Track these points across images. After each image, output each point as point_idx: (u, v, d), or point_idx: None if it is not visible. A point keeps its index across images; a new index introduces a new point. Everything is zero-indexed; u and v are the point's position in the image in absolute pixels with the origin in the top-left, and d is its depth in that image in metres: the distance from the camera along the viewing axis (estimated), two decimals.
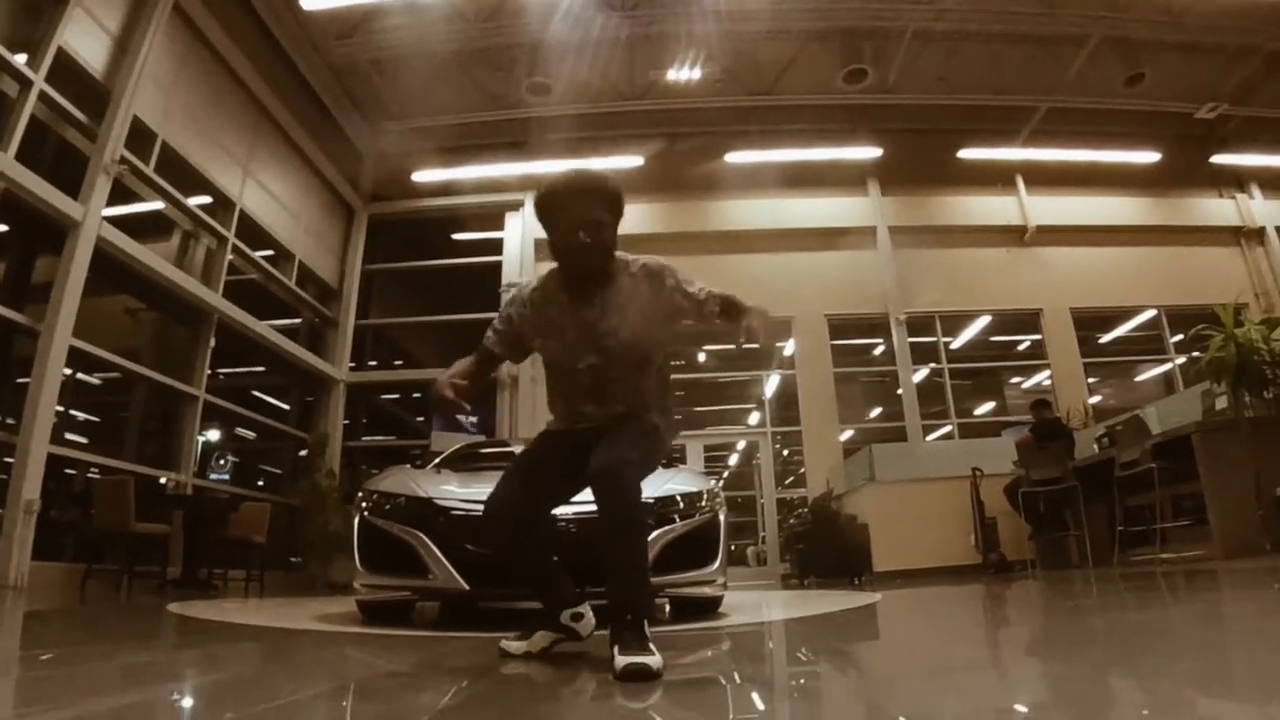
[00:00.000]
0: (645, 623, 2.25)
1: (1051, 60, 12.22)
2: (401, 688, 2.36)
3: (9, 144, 7.60)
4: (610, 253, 2.53)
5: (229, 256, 10.78)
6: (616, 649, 2.10)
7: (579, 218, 2.41)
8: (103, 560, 7.81)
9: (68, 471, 8.50)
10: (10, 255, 8.28)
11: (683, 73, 12.06)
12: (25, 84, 7.88)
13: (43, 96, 8.03)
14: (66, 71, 8.32)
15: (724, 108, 12.93)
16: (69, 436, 8.67)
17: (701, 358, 14.13)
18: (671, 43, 11.55)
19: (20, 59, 7.88)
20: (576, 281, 2.53)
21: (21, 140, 7.73)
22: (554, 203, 2.47)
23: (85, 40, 8.55)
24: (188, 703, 2.23)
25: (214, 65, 10.46)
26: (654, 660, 2.04)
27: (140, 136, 9.19)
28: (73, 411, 8.96)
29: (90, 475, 8.58)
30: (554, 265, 2.61)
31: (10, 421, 7.82)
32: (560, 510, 4.38)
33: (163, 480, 9.55)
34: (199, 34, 10.01)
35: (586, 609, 2.70)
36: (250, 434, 12.47)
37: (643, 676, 1.99)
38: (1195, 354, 8.52)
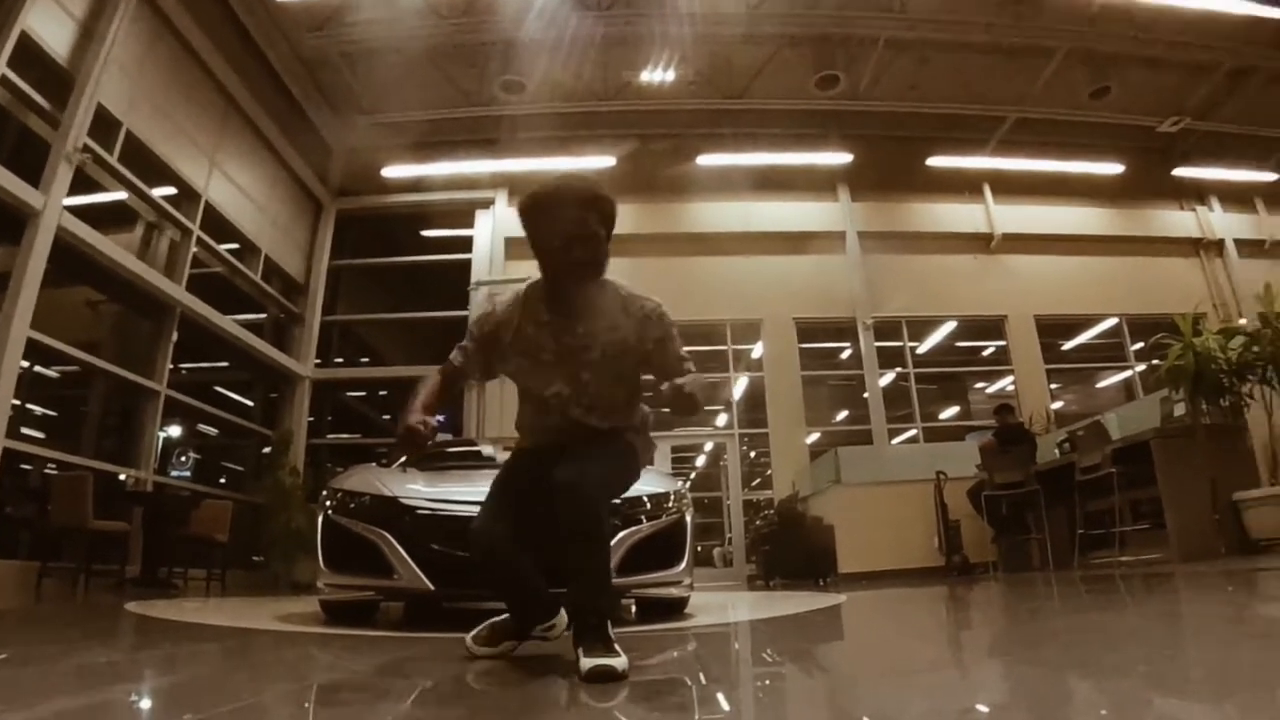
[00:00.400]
0: (609, 624, 2.21)
1: (1019, 71, 12.41)
2: (364, 690, 2.35)
3: None
4: (603, 270, 2.38)
5: (193, 249, 10.70)
6: (581, 651, 2.08)
7: (575, 231, 2.26)
8: (59, 558, 7.74)
9: (24, 466, 8.44)
10: None
11: (656, 74, 12.10)
12: None
13: (4, 81, 7.91)
14: (29, 56, 8.20)
15: (697, 110, 13.00)
16: (25, 431, 8.54)
17: None
18: (646, 44, 11.58)
19: None
20: (562, 300, 2.39)
21: None
22: (547, 212, 2.30)
23: (49, 25, 8.44)
24: (145, 704, 2.21)
25: (182, 54, 10.36)
26: (619, 661, 2.02)
27: (104, 125, 9.10)
28: (29, 405, 8.86)
29: (47, 471, 8.51)
30: (530, 279, 2.49)
31: None
32: None
33: (122, 477, 9.47)
34: (167, 21, 9.91)
35: (559, 617, 2.55)
36: (213, 430, 12.39)
37: (608, 678, 1.98)
38: (1155, 362, 8.68)
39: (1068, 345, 14.36)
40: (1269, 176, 14.28)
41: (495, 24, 10.95)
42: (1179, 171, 14.27)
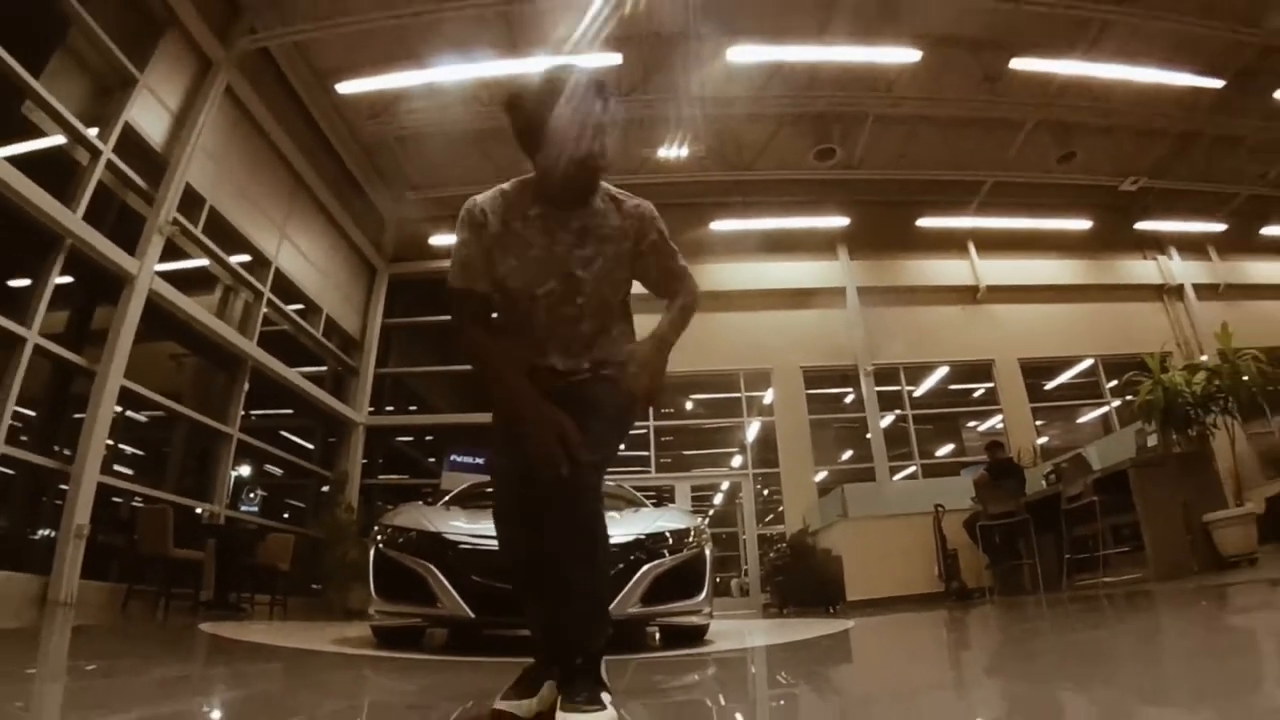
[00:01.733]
0: (600, 662, 1.86)
1: (995, 140, 12.52)
2: (413, 709, 2.33)
3: (78, 205, 7.67)
4: (600, 175, 1.93)
5: (264, 309, 10.78)
6: (561, 699, 1.71)
7: (585, 123, 1.81)
8: (143, 581, 7.70)
9: (115, 499, 8.43)
10: (73, 304, 8.25)
11: (672, 150, 12.23)
12: (95, 154, 7.97)
13: (109, 165, 8.11)
14: (130, 143, 8.42)
15: (709, 181, 13.11)
16: (117, 468, 8.63)
17: (689, 406, 14.13)
18: (662, 125, 11.74)
19: (92, 132, 7.98)
20: (553, 195, 1.89)
21: (89, 202, 7.80)
22: (551, 102, 1.82)
23: (148, 116, 8.69)
24: (216, 715, 2.20)
25: (258, 139, 10.57)
26: (603, 717, 1.64)
27: (191, 201, 9.26)
28: (121, 445, 8.93)
29: (134, 504, 8.53)
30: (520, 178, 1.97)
31: (66, 453, 7.78)
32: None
33: (199, 510, 9.45)
34: (246, 111, 10.14)
35: None
36: (278, 470, 12.36)
37: None
38: (1128, 398, 8.68)
39: (1050, 385, 14.27)
40: (1219, 227, 14.41)
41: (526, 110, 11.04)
42: (1140, 225, 14.36)
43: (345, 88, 10.57)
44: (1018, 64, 10.83)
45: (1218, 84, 11.21)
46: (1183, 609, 4.47)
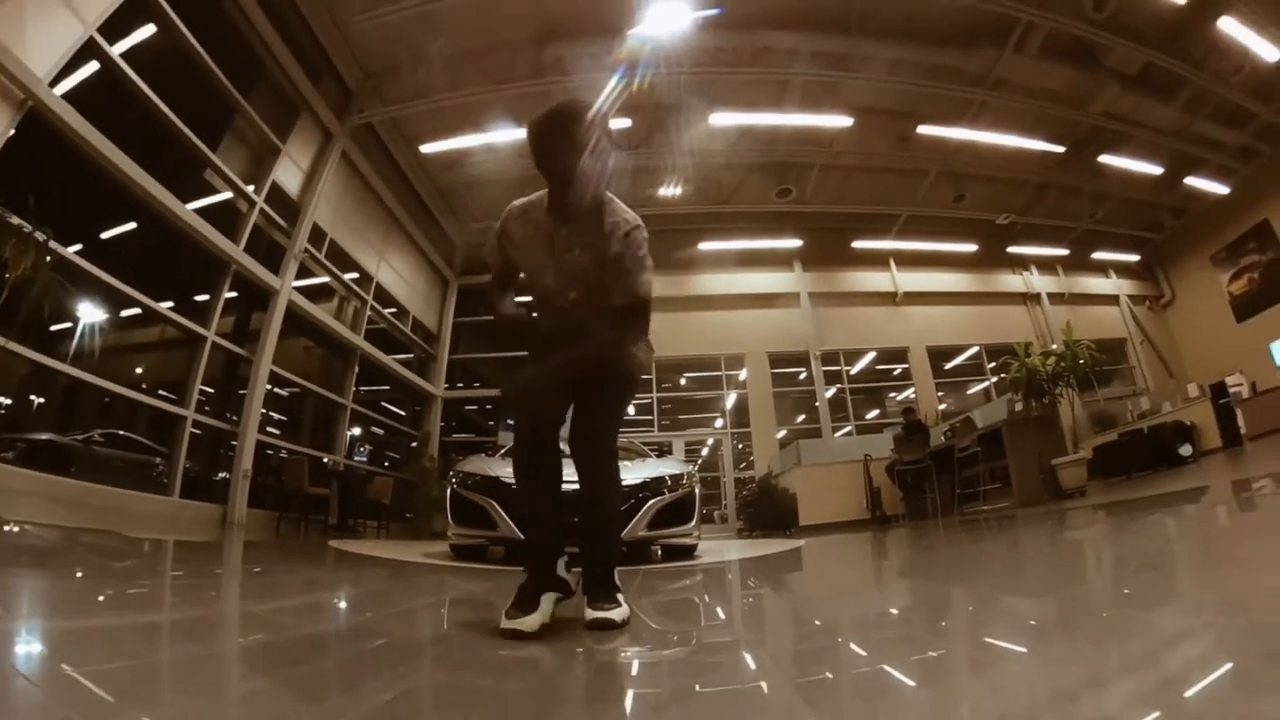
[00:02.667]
0: (614, 572, 1.80)
1: (908, 184, 12.47)
2: (479, 602, 2.41)
3: (240, 240, 7.79)
4: (603, 182, 1.74)
5: (368, 312, 10.82)
6: (587, 600, 1.67)
7: (567, 148, 1.66)
8: (289, 510, 7.82)
9: (268, 452, 8.60)
10: (238, 312, 8.38)
11: (669, 189, 12.18)
12: (252, 204, 8.07)
13: (261, 211, 8.22)
14: (274, 195, 8.50)
15: (697, 213, 12.99)
16: (269, 429, 8.74)
17: (683, 381, 14.18)
18: (661, 170, 11.68)
19: (250, 188, 8.10)
20: (556, 206, 1.75)
21: (247, 238, 7.93)
22: (538, 135, 1.71)
23: (288, 175, 8.75)
24: (343, 604, 2.30)
25: (364, 188, 10.56)
26: (619, 613, 1.62)
27: (317, 235, 9.31)
28: (271, 413, 9.00)
29: (282, 455, 8.65)
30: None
31: (234, 418, 7.95)
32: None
33: (325, 459, 9.56)
34: (355, 168, 10.14)
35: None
36: (380, 430, 12.40)
37: (608, 627, 1.58)
38: (1003, 375, 8.76)
39: (948, 365, 14.23)
40: (1064, 251, 14.49)
41: None
42: (1011, 249, 14.31)
43: (427, 148, 10.56)
44: (923, 129, 10.90)
45: (1060, 149, 11.46)
46: (1035, 526, 4.57)
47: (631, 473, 4.58)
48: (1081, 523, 4.32)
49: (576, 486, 1.83)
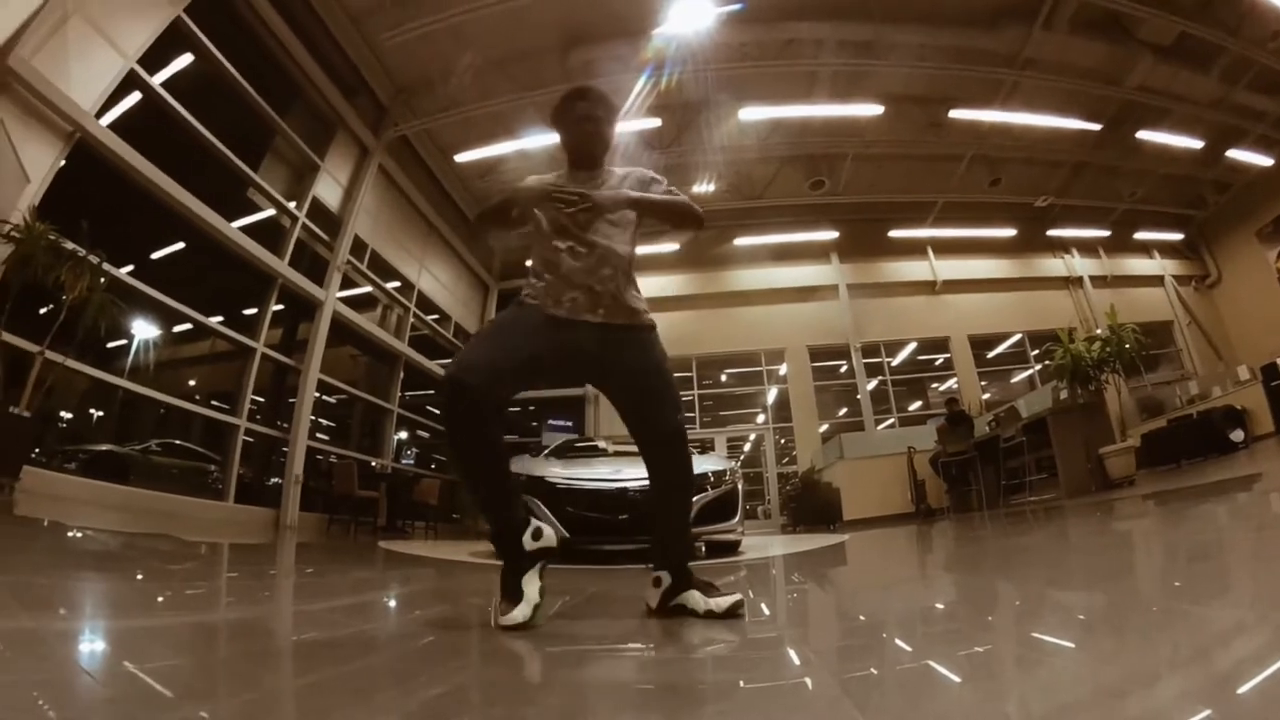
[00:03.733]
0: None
1: (942, 171, 12.19)
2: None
3: (284, 254, 8.03)
4: (607, 145, 1.96)
5: (411, 319, 11.00)
6: (696, 594, 1.71)
7: (583, 114, 1.90)
8: (339, 513, 7.98)
9: (318, 457, 8.76)
10: (285, 323, 8.60)
11: (703, 187, 12.13)
12: (294, 219, 8.32)
13: (304, 226, 8.45)
14: (316, 209, 8.73)
15: (731, 209, 12.94)
16: (318, 435, 8.96)
17: (724, 378, 14.09)
18: (694, 168, 11.64)
19: (291, 204, 8.35)
20: (578, 163, 1.94)
21: (291, 252, 8.17)
22: (564, 106, 1.93)
23: (328, 190, 8.99)
24: (393, 603, 2.35)
25: (402, 199, 10.74)
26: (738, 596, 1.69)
27: (358, 246, 9.51)
28: (320, 419, 9.20)
29: (331, 460, 8.84)
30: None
31: (284, 425, 8.16)
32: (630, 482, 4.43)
33: (373, 463, 9.72)
34: (393, 181, 10.33)
35: (534, 524, 1.74)
36: (426, 434, 12.58)
37: (739, 609, 1.64)
38: (1046, 362, 8.52)
39: (990, 354, 13.83)
40: (1105, 233, 13.98)
41: None
42: (1050, 232, 13.86)
43: (461, 158, 10.73)
44: (955, 113, 10.63)
45: (1096, 127, 11.05)
46: (1083, 518, 4.42)
47: None
48: (1131, 513, 4.16)
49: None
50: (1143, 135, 11.23)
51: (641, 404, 1.82)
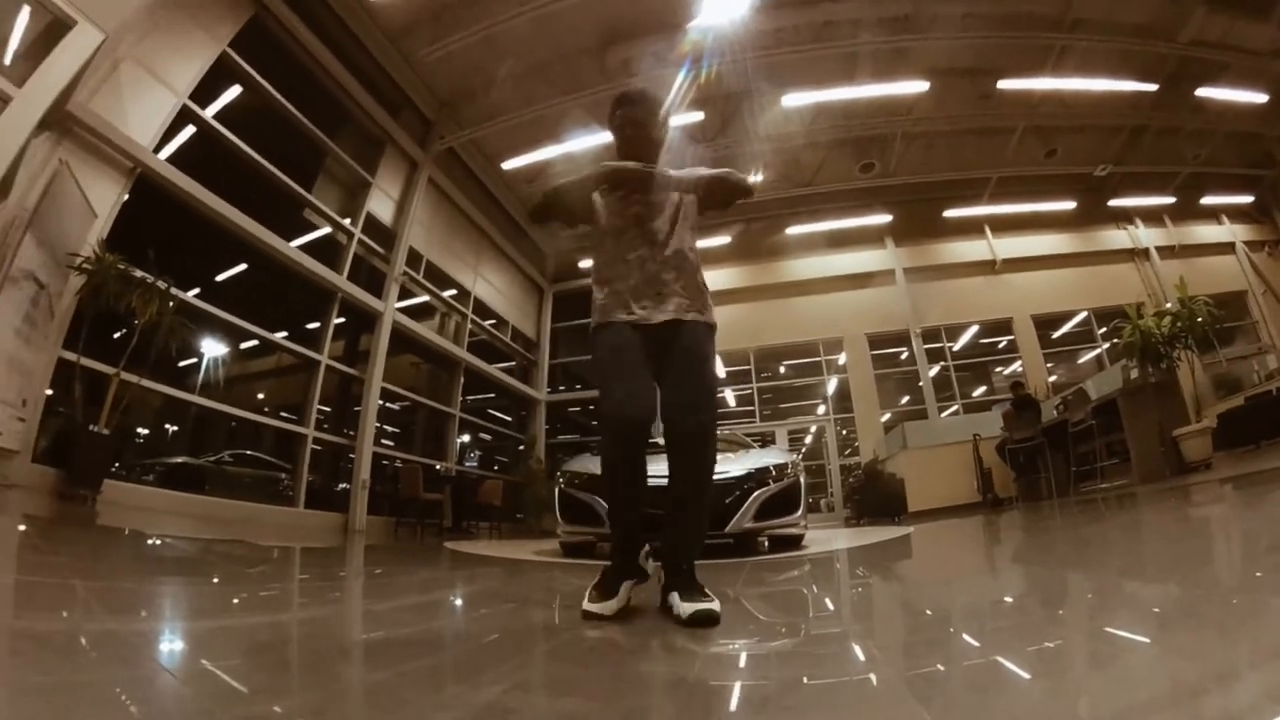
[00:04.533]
0: (694, 568, 1.77)
1: (994, 145, 11.64)
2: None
3: (343, 269, 8.31)
4: (656, 144, 1.98)
5: (469, 326, 11.17)
6: (677, 596, 1.63)
7: (625, 119, 1.96)
8: (405, 515, 8.14)
9: (384, 462, 8.89)
10: (347, 335, 8.87)
11: (751, 177, 11.89)
12: (350, 235, 8.59)
13: (359, 241, 8.71)
14: (370, 224, 8.97)
15: (781, 198, 12.73)
16: (383, 441, 9.12)
17: (782, 369, 13.89)
18: (741, 159, 11.46)
19: (346, 221, 8.64)
20: (626, 172, 1.90)
21: (350, 267, 8.44)
22: (610, 114, 2.01)
23: (381, 205, 9.23)
24: (459, 601, 2.42)
25: (453, 209, 10.93)
26: (716, 605, 1.57)
27: (413, 257, 9.71)
28: (385, 425, 9.39)
29: (396, 464, 8.99)
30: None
31: (350, 433, 8.43)
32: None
33: (437, 466, 9.87)
34: (443, 192, 10.52)
35: (649, 546, 1.97)
36: (488, 436, 12.76)
37: (709, 622, 1.53)
38: (1114, 340, 8.03)
39: (1055, 334, 13.10)
40: (1169, 200, 13.00)
41: None
42: (1112, 202, 13.00)
43: (508, 164, 10.85)
44: (1003, 84, 10.12)
45: (1153, 87, 10.31)
46: (1158, 505, 4.18)
47: (735, 464, 4.55)
48: (1208, 499, 3.90)
49: (664, 481, 1.81)
50: (1202, 92, 10.45)
51: (677, 388, 1.80)
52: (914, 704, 0.90)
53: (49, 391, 5.01)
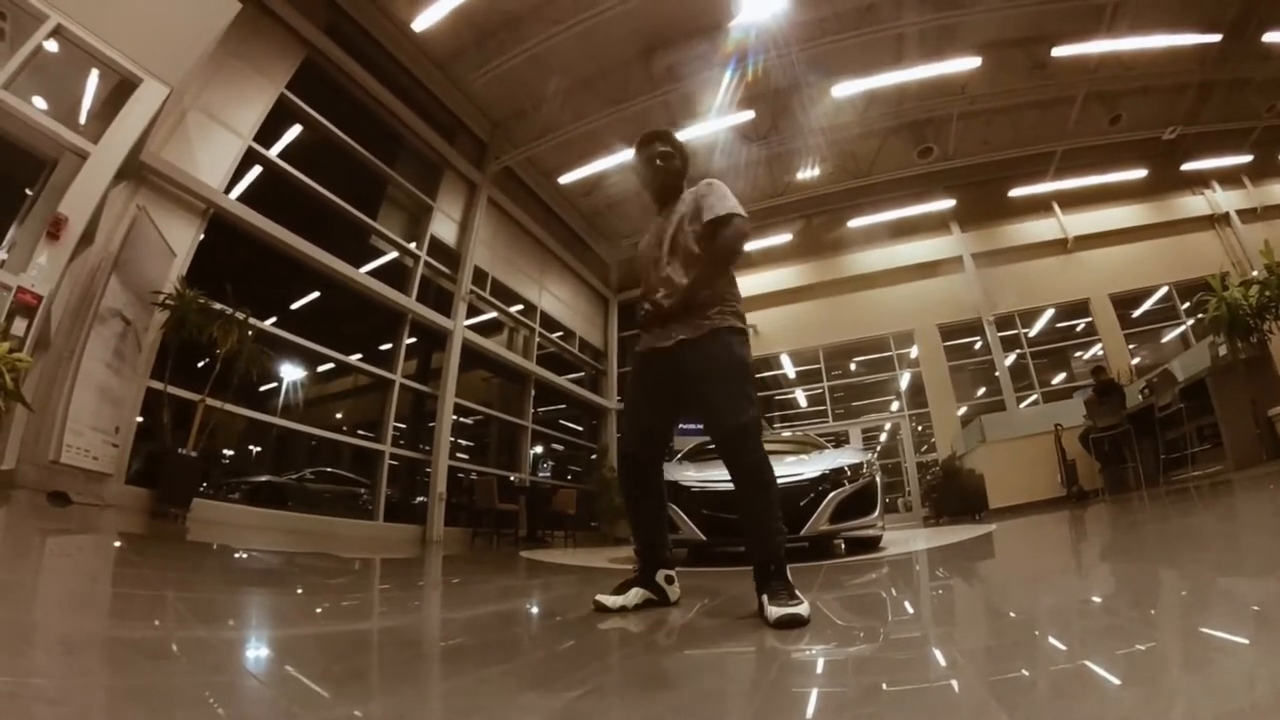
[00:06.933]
0: (787, 570, 1.79)
1: (1056, 116, 11.06)
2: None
3: (411, 291, 8.66)
4: (679, 176, 2.25)
5: (537, 339, 11.41)
6: (766, 599, 1.66)
7: (646, 158, 2.23)
8: (481, 526, 8.36)
9: (459, 475, 9.07)
10: (419, 354, 9.18)
11: (807, 172, 11.74)
12: (416, 259, 8.96)
13: (425, 264, 9.05)
14: (435, 246, 9.32)
15: (839, 190, 12.45)
16: (458, 455, 9.34)
17: (853, 367, 13.52)
18: (795, 154, 11.33)
19: (412, 245, 9.00)
20: (659, 197, 2.27)
21: (418, 289, 8.78)
22: (638, 150, 2.28)
23: (444, 227, 9.58)
24: (535, 610, 2.46)
25: (514, 226, 11.20)
26: (804, 608, 1.58)
27: (479, 276, 10.03)
28: (459, 439, 9.59)
29: (472, 477, 9.20)
30: None
31: (426, 448, 8.72)
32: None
33: (512, 478, 10.10)
34: (503, 210, 10.83)
35: (675, 574, 2.14)
36: (560, 447, 12.86)
37: (795, 624, 1.54)
38: (1199, 316, 7.34)
39: (1136, 313, 12.16)
40: (1247, 158, 11.85)
41: (695, 164, 11.04)
42: (1185, 166, 12.02)
43: (564, 179, 11.05)
44: (1058, 51, 9.54)
45: (1216, 38, 9.50)
46: (1254, 493, 3.83)
47: (809, 465, 4.50)
48: None
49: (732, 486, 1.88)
50: (1270, 38, 9.52)
51: (701, 405, 1.98)
52: (998, 711, 0.86)
53: (139, 419, 5.44)
